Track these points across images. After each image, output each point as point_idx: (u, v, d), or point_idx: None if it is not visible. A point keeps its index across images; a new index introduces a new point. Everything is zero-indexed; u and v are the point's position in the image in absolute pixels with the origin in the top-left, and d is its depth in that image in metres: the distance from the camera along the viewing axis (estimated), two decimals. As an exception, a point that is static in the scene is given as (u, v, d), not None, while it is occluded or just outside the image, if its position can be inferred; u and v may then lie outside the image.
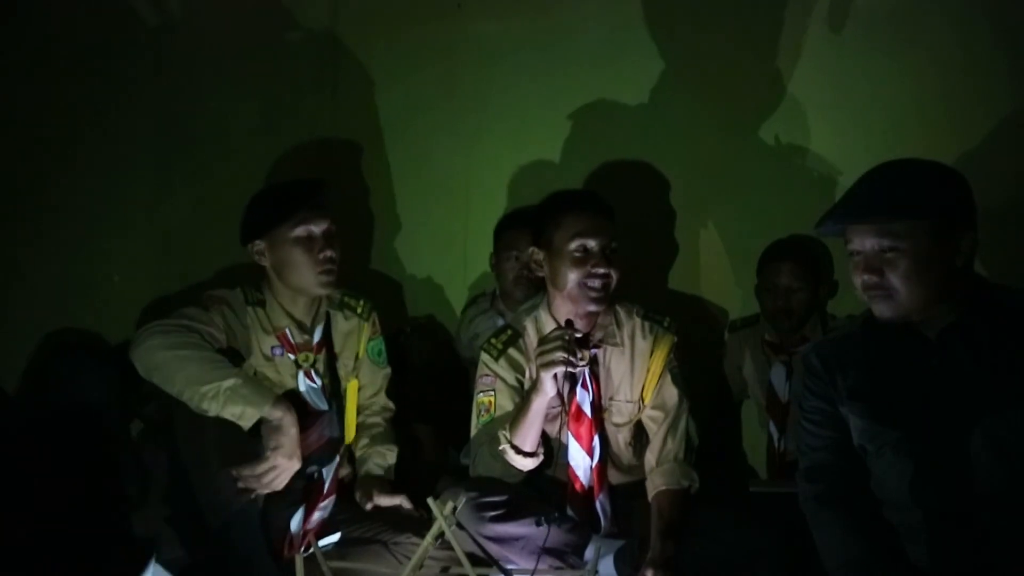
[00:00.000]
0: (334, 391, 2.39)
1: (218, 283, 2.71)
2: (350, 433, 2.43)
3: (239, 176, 2.90)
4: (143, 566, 1.94)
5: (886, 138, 2.69)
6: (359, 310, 2.47)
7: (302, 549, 2.05)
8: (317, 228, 2.32)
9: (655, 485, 2.21)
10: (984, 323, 1.70)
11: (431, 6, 2.95)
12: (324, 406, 2.33)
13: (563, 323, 2.21)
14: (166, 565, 2.03)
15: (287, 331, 2.34)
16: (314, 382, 2.34)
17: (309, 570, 2.00)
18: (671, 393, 2.27)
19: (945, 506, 1.70)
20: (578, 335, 2.16)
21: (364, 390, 2.49)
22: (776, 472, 2.71)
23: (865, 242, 1.71)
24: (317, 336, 2.38)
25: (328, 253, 2.32)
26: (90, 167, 2.81)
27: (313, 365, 2.35)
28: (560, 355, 2.08)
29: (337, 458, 2.28)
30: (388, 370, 2.55)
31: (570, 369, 2.11)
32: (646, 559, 2.05)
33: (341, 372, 2.42)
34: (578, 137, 2.93)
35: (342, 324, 2.45)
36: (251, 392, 2.09)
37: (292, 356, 2.33)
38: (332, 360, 2.41)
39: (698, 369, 2.70)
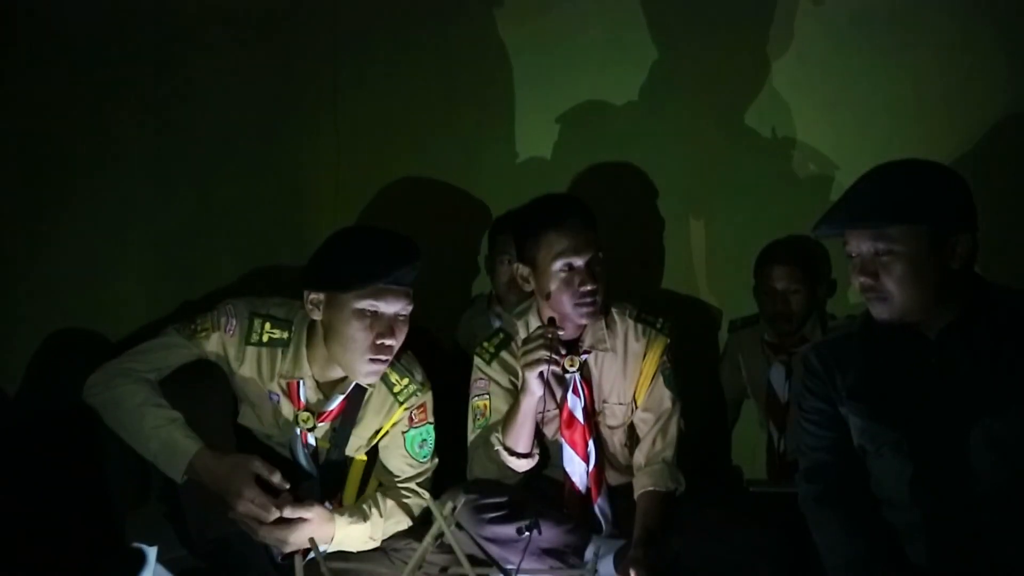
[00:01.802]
0: (334, 461, 2.16)
1: (218, 284, 2.73)
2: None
3: (239, 177, 2.90)
4: (139, 569, 1.94)
5: (886, 138, 2.69)
6: (397, 390, 2.16)
7: (301, 553, 2.04)
8: (388, 308, 2.00)
9: (642, 485, 2.20)
10: (983, 324, 1.70)
11: (431, 6, 2.95)
12: (311, 471, 2.11)
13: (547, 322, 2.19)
14: (166, 565, 2.03)
15: (300, 383, 2.08)
16: (307, 446, 2.11)
17: (309, 573, 1.99)
18: (663, 395, 2.27)
19: (944, 506, 1.70)
20: (561, 332, 2.15)
21: (387, 474, 2.21)
22: (776, 472, 2.71)
23: (861, 245, 1.71)
24: (334, 404, 2.11)
25: (388, 341, 2.00)
26: (90, 167, 2.81)
27: (312, 428, 2.10)
28: (543, 353, 2.08)
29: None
30: (430, 464, 2.21)
31: (554, 367, 2.10)
32: (628, 558, 2.03)
33: (352, 443, 2.17)
34: (577, 137, 2.93)
35: (372, 396, 2.16)
36: (168, 457, 1.91)
37: (294, 410, 2.09)
38: (346, 430, 2.15)
39: (696, 370, 2.70)
